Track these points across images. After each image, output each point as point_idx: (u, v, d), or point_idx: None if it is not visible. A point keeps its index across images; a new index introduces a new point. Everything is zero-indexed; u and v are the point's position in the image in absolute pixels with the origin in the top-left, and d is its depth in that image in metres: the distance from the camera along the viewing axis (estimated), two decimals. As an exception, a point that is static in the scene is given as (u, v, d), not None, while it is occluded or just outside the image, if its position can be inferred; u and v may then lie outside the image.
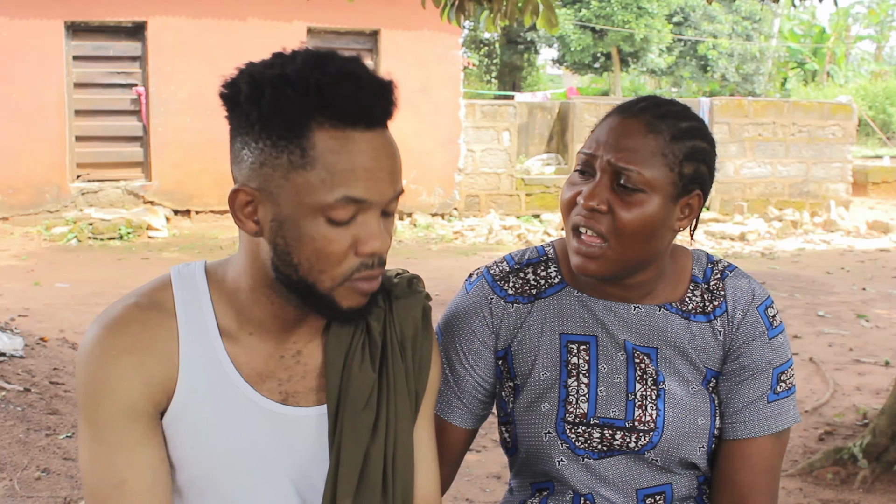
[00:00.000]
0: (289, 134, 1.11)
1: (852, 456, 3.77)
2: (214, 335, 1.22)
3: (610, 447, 1.43)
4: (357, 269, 1.15)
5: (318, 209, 1.12)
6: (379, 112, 1.14)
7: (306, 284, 1.15)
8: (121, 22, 10.81)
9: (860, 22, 37.69)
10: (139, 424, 1.18)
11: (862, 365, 5.57)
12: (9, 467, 3.32)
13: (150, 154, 11.01)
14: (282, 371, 1.25)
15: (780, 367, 1.45)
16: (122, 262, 9.03)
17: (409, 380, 1.30)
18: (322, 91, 1.10)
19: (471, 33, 26.26)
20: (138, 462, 1.17)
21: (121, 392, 1.17)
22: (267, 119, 1.11)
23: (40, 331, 5.55)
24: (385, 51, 11.60)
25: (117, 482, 1.16)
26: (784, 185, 13.04)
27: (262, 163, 1.13)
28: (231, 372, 1.22)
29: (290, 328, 1.24)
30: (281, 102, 1.10)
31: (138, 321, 1.19)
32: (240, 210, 1.16)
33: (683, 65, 27.44)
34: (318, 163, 1.11)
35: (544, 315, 1.47)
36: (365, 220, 1.14)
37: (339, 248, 1.13)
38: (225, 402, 1.22)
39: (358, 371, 1.25)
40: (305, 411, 1.25)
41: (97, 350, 1.18)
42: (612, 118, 1.39)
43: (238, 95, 1.13)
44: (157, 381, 1.19)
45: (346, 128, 1.11)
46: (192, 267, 1.26)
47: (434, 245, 10.59)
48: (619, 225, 1.34)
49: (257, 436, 1.23)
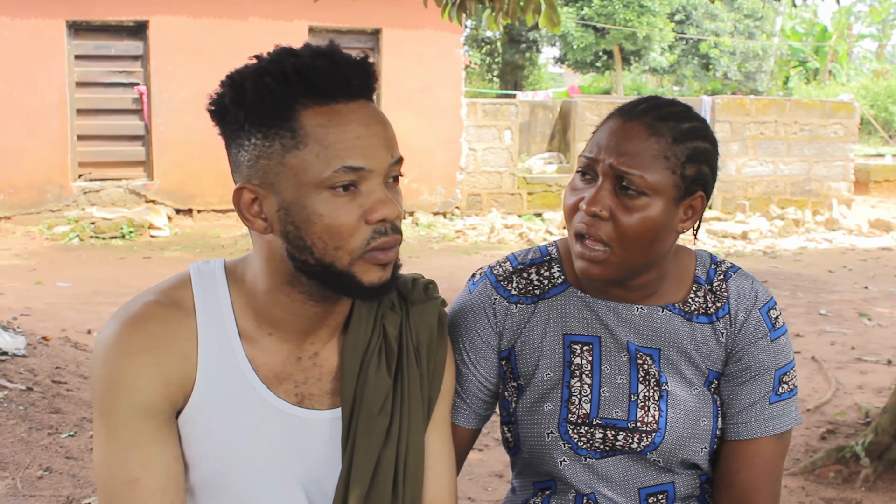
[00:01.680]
0: (276, 121, 1.13)
1: (854, 454, 3.77)
2: (233, 335, 1.22)
3: (612, 447, 1.43)
4: (371, 238, 1.15)
5: (319, 185, 1.13)
6: (358, 83, 1.15)
7: (324, 265, 1.15)
8: (122, 21, 10.82)
9: (862, 20, 37.65)
10: (154, 423, 1.17)
11: (864, 363, 5.57)
12: (11, 466, 3.32)
13: (152, 153, 11.02)
14: (298, 373, 1.25)
15: (782, 369, 1.45)
16: (123, 261, 9.03)
17: (422, 386, 1.30)
18: (300, 72, 1.12)
19: (472, 32, 26.25)
20: (151, 461, 1.17)
21: (137, 390, 1.16)
22: (253, 114, 1.13)
23: (42, 330, 5.56)
24: (387, 50, 11.60)
25: (130, 480, 1.16)
26: (786, 184, 13.03)
27: (258, 156, 1.14)
28: (248, 373, 1.22)
29: (310, 328, 1.24)
30: (263, 93, 1.12)
31: (157, 319, 1.19)
32: (246, 209, 1.17)
33: (685, 63, 27.41)
34: (310, 139, 1.12)
35: (548, 315, 1.47)
36: (368, 188, 1.15)
37: (349, 220, 1.14)
38: (241, 403, 1.22)
39: (374, 376, 1.26)
40: (320, 414, 1.26)
41: (115, 347, 1.17)
42: (613, 120, 1.39)
43: (224, 103, 1.15)
44: (175, 379, 1.19)
45: (330, 102, 1.13)
46: (212, 265, 1.26)
47: (436, 244, 10.59)
48: (621, 230, 1.34)
49: (271, 437, 1.23)
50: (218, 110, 1.16)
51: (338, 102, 1.14)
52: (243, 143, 1.15)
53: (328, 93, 1.13)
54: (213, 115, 1.18)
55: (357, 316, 1.28)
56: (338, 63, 1.13)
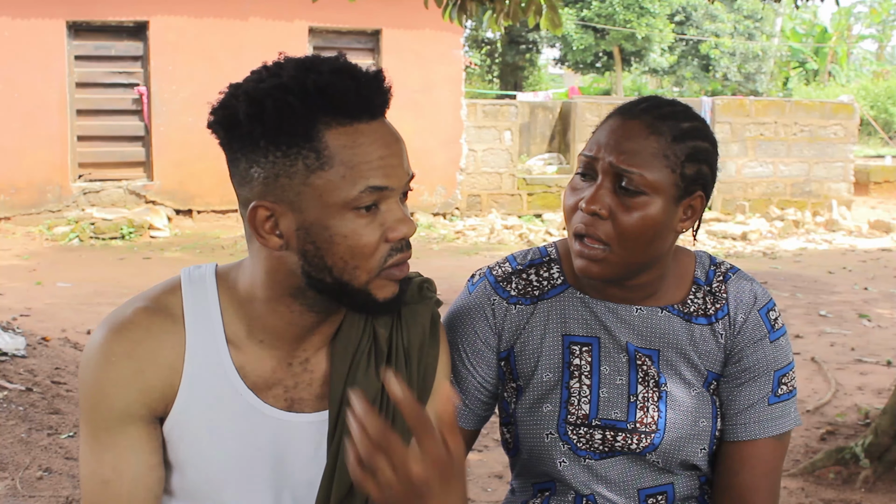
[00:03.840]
0: (298, 140, 1.11)
1: (854, 456, 3.77)
2: (221, 343, 1.22)
3: (611, 448, 1.43)
4: (389, 256, 1.16)
5: (343, 206, 1.12)
6: (378, 102, 1.15)
7: (341, 283, 1.15)
8: (122, 21, 10.82)
9: (862, 21, 37.69)
10: (132, 429, 1.19)
11: (864, 364, 5.57)
12: (10, 467, 3.32)
13: (152, 154, 11.02)
14: (289, 378, 1.25)
15: (781, 370, 1.45)
16: (123, 261, 9.03)
17: (412, 388, 1.29)
18: (322, 91, 1.11)
19: (472, 33, 26.24)
20: (124, 466, 1.19)
21: (116, 397, 1.18)
22: (272, 131, 1.11)
23: (42, 330, 5.55)
24: (387, 50, 11.61)
25: (102, 481, 1.19)
26: (786, 185, 13.04)
27: (277, 175, 1.12)
28: (235, 380, 1.22)
29: (303, 336, 1.23)
30: (284, 112, 1.10)
31: (143, 327, 1.19)
32: (261, 227, 1.15)
33: (685, 64, 27.41)
34: (335, 160, 1.12)
35: (547, 316, 1.47)
36: (388, 206, 1.15)
37: (371, 240, 1.14)
38: (227, 410, 1.22)
39: (363, 377, 1.25)
40: (307, 417, 1.25)
41: (99, 352, 1.19)
42: (613, 120, 1.39)
43: (236, 116, 1.12)
44: (156, 387, 1.19)
45: (353, 122, 1.13)
46: (203, 270, 1.25)
47: (436, 244, 10.59)
48: (620, 229, 1.34)
49: (259, 443, 1.23)
50: (226, 122, 1.14)
51: (360, 122, 1.13)
52: (257, 158, 1.13)
53: (351, 112, 1.12)
54: (217, 125, 1.15)
55: (349, 318, 1.27)
56: (360, 82, 1.13)
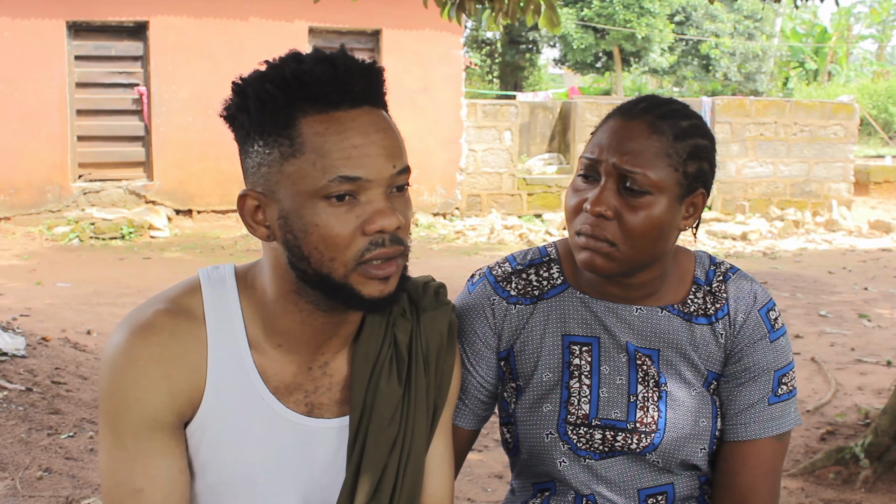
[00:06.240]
0: (277, 129, 1.12)
1: (854, 456, 3.76)
2: (243, 345, 1.21)
3: (611, 448, 1.43)
4: (366, 250, 1.13)
5: (315, 194, 1.11)
6: (360, 90, 1.13)
7: (321, 276, 1.14)
8: (122, 22, 10.82)
9: (862, 21, 37.68)
10: (161, 435, 1.17)
11: (864, 365, 5.57)
12: (10, 467, 3.32)
13: (152, 154, 11.02)
14: (309, 383, 1.24)
15: (781, 370, 1.45)
16: (123, 261, 9.03)
17: (429, 394, 1.29)
18: (299, 79, 1.11)
19: (472, 33, 26.26)
20: (156, 473, 1.16)
21: (145, 403, 1.15)
22: (256, 120, 1.13)
23: (42, 330, 5.55)
24: (387, 50, 11.60)
25: (134, 490, 1.16)
26: (786, 185, 13.03)
27: (260, 163, 1.14)
28: (258, 384, 1.21)
29: (320, 339, 1.22)
30: (264, 100, 1.11)
31: (167, 330, 1.17)
32: (249, 216, 1.16)
33: (685, 64, 27.40)
34: (307, 148, 1.11)
35: (547, 316, 1.47)
36: (368, 198, 1.13)
37: (344, 231, 1.12)
38: (250, 414, 1.21)
39: (385, 386, 1.25)
40: (328, 423, 1.25)
41: (123, 357, 1.16)
42: (614, 120, 1.39)
43: (232, 110, 1.15)
44: (183, 392, 1.17)
45: (330, 110, 1.12)
46: (222, 271, 1.25)
47: (436, 245, 10.59)
48: (627, 229, 1.34)
49: (280, 447, 1.23)
50: (228, 117, 1.17)
51: (339, 110, 1.12)
52: (248, 148, 1.15)
53: (329, 100, 1.11)
54: (225, 120, 1.18)
55: (369, 324, 1.26)
56: (339, 69, 1.11)
